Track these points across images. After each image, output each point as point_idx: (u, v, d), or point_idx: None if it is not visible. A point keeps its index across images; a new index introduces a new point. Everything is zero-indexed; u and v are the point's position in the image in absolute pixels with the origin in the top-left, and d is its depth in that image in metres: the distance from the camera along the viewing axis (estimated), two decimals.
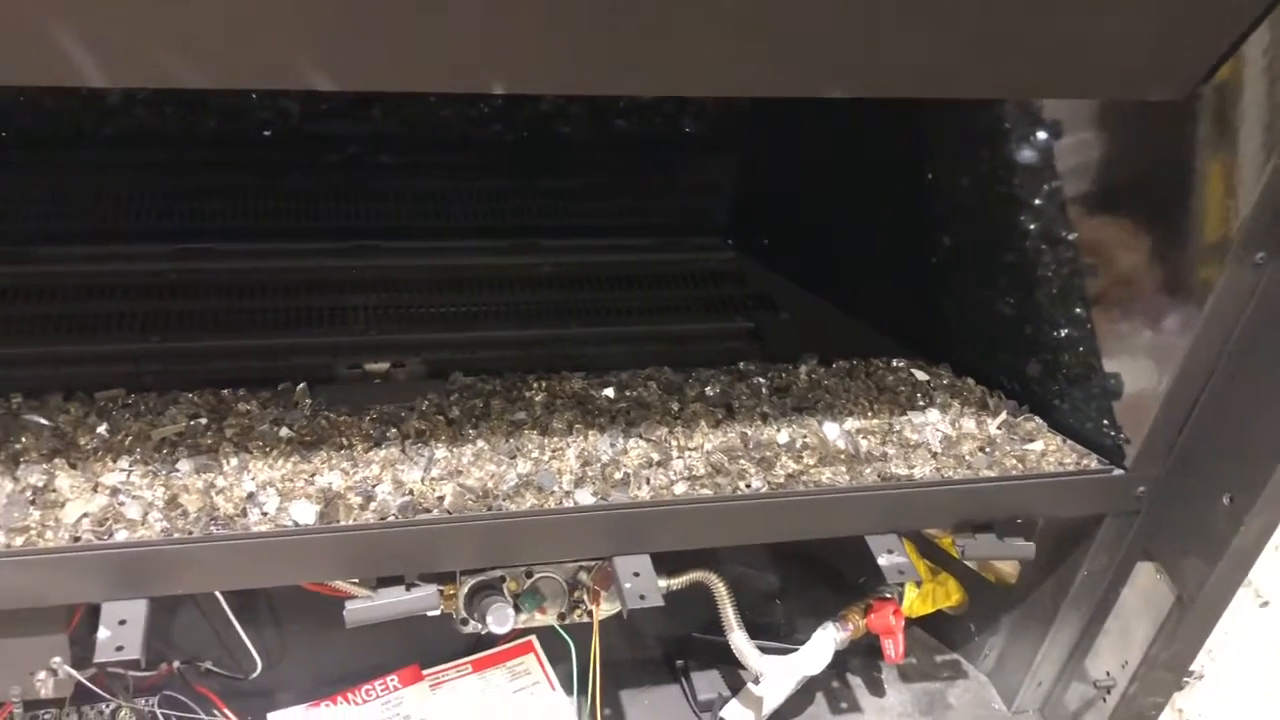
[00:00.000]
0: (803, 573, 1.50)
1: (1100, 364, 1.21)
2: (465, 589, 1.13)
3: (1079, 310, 1.22)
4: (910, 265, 1.50)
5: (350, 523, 0.99)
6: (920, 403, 1.29)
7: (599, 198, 1.74)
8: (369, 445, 1.09)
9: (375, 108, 1.58)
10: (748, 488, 1.10)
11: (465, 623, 1.15)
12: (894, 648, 1.34)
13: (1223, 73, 0.99)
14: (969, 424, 1.26)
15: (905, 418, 1.25)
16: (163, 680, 1.23)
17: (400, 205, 1.65)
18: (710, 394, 1.26)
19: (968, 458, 1.19)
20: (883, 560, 1.14)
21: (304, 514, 0.98)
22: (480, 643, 1.36)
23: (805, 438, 1.19)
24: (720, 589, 1.24)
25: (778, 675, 1.30)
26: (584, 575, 1.19)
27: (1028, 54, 0.92)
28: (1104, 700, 1.33)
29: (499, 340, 1.48)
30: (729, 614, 1.25)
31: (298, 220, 1.60)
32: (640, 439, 1.15)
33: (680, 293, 1.67)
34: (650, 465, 1.11)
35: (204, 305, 1.45)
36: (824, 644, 1.33)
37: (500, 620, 1.13)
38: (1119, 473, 1.20)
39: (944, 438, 1.23)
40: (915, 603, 1.40)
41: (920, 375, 1.35)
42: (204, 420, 1.10)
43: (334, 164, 1.59)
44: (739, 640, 1.26)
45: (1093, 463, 1.21)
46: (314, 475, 1.04)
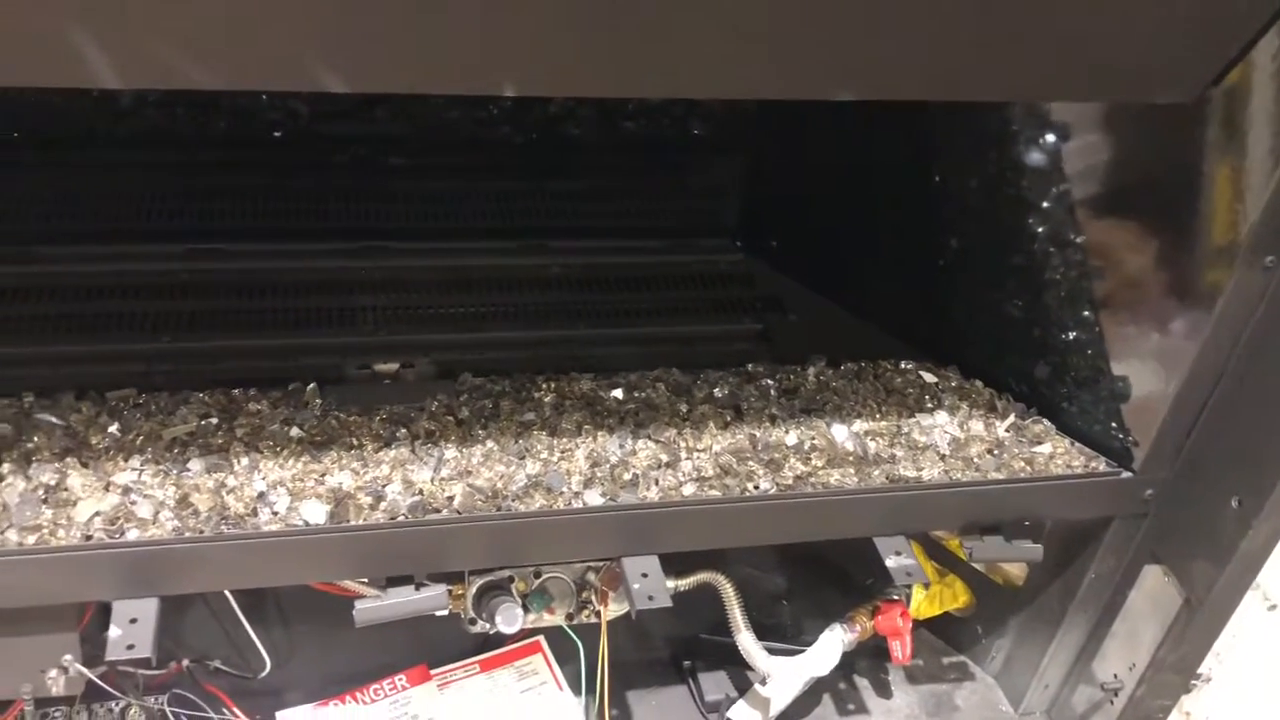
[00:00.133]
0: (810, 574, 1.50)
1: (1109, 367, 1.20)
2: (474, 589, 1.13)
3: (1087, 313, 1.22)
4: (918, 267, 1.50)
5: (360, 522, 0.99)
6: (928, 405, 1.29)
7: (607, 199, 1.74)
8: (379, 445, 1.09)
9: (384, 109, 1.58)
10: (756, 489, 1.10)
11: (474, 622, 1.15)
12: (901, 649, 1.34)
13: (1232, 76, 0.99)
14: (977, 426, 1.26)
15: (913, 420, 1.26)
16: (172, 678, 1.23)
17: (409, 206, 1.65)
18: (719, 395, 1.26)
19: (976, 460, 1.20)
20: (890, 562, 1.14)
21: (314, 514, 0.99)
22: (488, 643, 1.36)
23: (813, 439, 1.19)
24: (728, 590, 1.24)
25: (785, 676, 1.30)
26: (592, 576, 1.19)
27: (1037, 57, 0.92)
28: (1111, 703, 1.33)
29: (508, 341, 1.49)
30: (736, 615, 1.25)
31: (308, 221, 1.61)
32: (649, 440, 1.15)
33: (688, 294, 1.67)
34: (659, 466, 1.12)
35: (214, 305, 1.46)
36: (831, 645, 1.33)
37: (509, 620, 1.13)
38: (1127, 475, 1.20)
39: (952, 440, 1.23)
40: (923, 605, 1.40)
41: (928, 377, 1.35)
42: (215, 420, 1.11)
43: (344, 165, 1.60)
44: (746, 641, 1.26)
45: (1101, 465, 1.21)
46: (324, 475, 1.04)
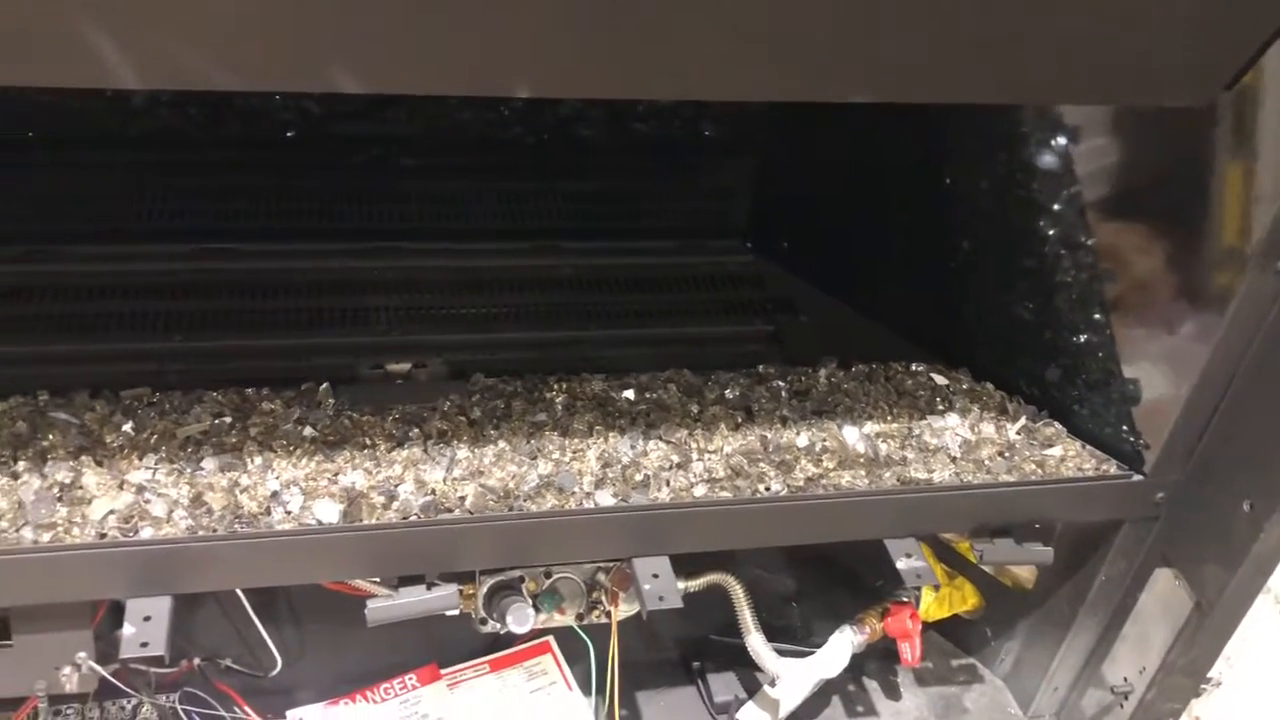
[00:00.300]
0: (820, 576, 1.49)
1: (1120, 369, 1.20)
2: (484, 589, 1.14)
3: (1098, 316, 1.22)
4: (929, 269, 1.50)
5: (373, 522, 0.99)
6: (939, 407, 1.29)
7: (619, 200, 1.75)
8: (392, 445, 1.10)
9: (397, 110, 1.59)
10: (767, 490, 1.10)
11: (484, 622, 1.15)
12: (910, 651, 1.34)
13: (1243, 79, 0.99)
14: (988, 428, 1.26)
15: (924, 422, 1.26)
16: (183, 677, 1.24)
17: (421, 207, 1.66)
18: (730, 397, 1.26)
19: (987, 462, 1.20)
20: (901, 564, 1.15)
21: (327, 513, 0.99)
22: (498, 642, 1.36)
23: (825, 441, 1.19)
24: (738, 591, 1.24)
25: (794, 678, 1.30)
26: (602, 576, 1.19)
27: (1052, 60, 0.92)
28: (1121, 706, 1.32)
29: (520, 342, 1.49)
30: (746, 616, 1.25)
31: (320, 221, 1.61)
32: (660, 441, 1.16)
33: (699, 295, 1.67)
34: (670, 467, 1.12)
35: (227, 305, 1.46)
36: (841, 647, 1.33)
37: (520, 620, 1.13)
38: (1138, 478, 1.20)
39: (963, 442, 1.23)
40: (932, 607, 1.40)
41: (939, 379, 1.35)
42: (228, 419, 1.11)
43: (356, 165, 1.60)
44: (756, 642, 1.26)
45: (1112, 468, 1.21)
46: (337, 474, 1.05)
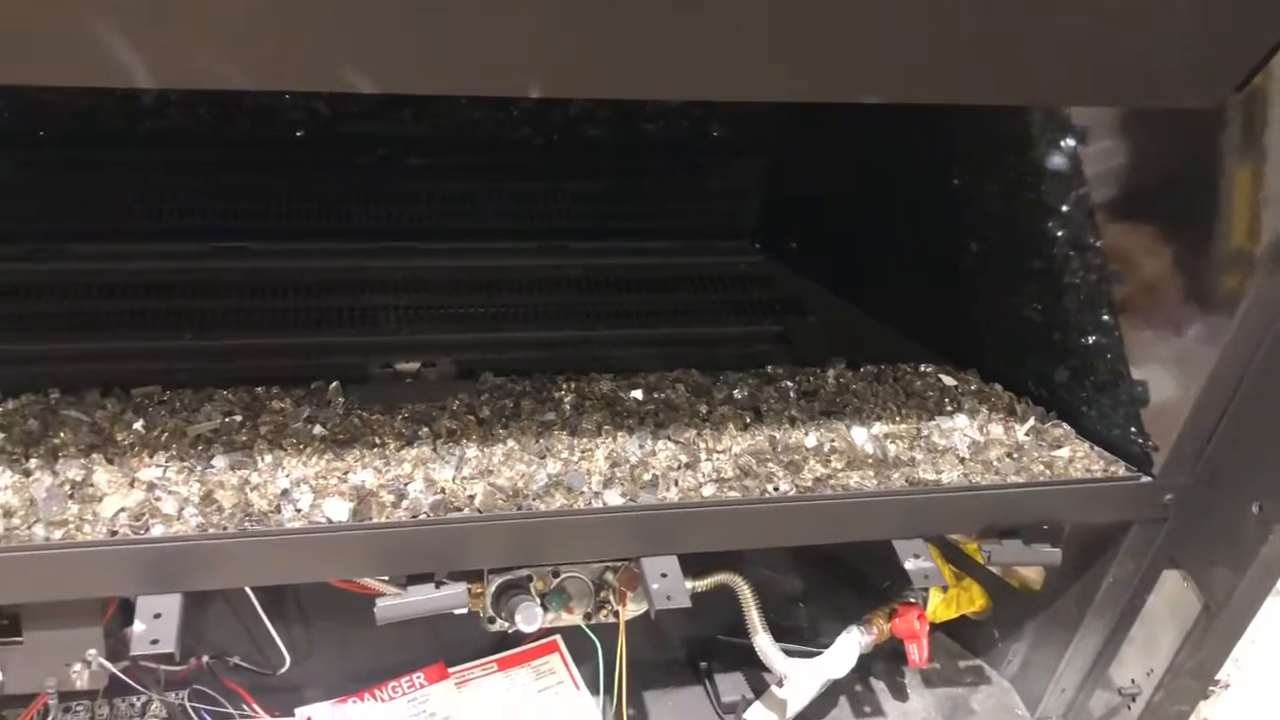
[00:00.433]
0: (828, 576, 1.50)
1: (1128, 371, 1.20)
2: (493, 588, 1.14)
3: (1107, 317, 1.22)
4: (938, 270, 1.50)
5: (383, 520, 1.00)
6: (948, 408, 1.29)
7: (627, 201, 1.75)
8: (401, 444, 1.10)
9: (406, 110, 1.59)
10: (775, 491, 1.10)
11: (492, 621, 1.16)
12: (918, 652, 1.34)
13: (1253, 81, 0.99)
14: (997, 429, 1.26)
15: (933, 423, 1.26)
16: (192, 674, 1.24)
17: (431, 207, 1.66)
18: (738, 397, 1.26)
19: (995, 463, 1.20)
20: (909, 565, 1.15)
21: (337, 511, 1.00)
22: (505, 641, 1.37)
23: (833, 442, 1.19)
24: (745, 591, 1.24)
25: (802, 678, 1.30)
26: (610, 576, 1.19)
27: (1063, 61, 0.92)
28: (1129, 708, 1.32)
29: (528, 341, 1.50)
30: (754, 616, 1.25)
31: (330, 220, 1.62)
32: (669, 441, 1.16)
33: (708, 296, 1.67)
34: (678, 467, 1.12)
35: (237, 304, 1.47)
36: (848, 647, 1.33)
37: (528, 619, 1.13)
38: (1146, 480, 1.20)
39: (972, 443, 1.23)
40: (940, 608, 1.40)
41: (948, 380, 1.35)
42: (238, 417, 1.11)
43: (365, 165, 1.61)
44: (763, 643, 1.26)
45: (1120, 470, 1.21)
46: (347, 473, 1.05)
